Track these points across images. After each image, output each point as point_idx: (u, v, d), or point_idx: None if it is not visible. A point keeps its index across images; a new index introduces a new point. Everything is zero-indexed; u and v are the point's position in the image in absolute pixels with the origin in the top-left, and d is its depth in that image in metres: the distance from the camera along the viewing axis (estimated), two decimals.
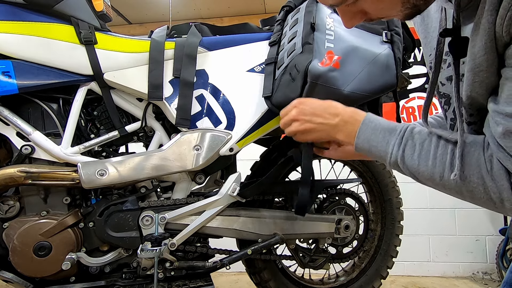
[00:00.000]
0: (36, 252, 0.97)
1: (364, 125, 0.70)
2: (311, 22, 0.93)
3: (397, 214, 1.33)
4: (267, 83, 0.99)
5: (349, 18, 0.58)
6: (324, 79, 0.86)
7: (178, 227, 1.07)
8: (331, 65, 0.87)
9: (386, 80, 0.90)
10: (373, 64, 0.90)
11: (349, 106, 0.86)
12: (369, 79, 0.89)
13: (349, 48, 0.91)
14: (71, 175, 0.99)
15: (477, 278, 2.36)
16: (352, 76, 0.87)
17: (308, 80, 0.87)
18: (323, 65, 0.87)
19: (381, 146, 0.67)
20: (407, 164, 0.63)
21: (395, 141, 0.65)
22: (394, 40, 0.98)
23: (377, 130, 0.68)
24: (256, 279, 1.26)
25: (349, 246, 1.28)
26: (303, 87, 0.88)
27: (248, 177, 1.26)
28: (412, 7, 0.54)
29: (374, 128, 0.69)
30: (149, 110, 1.10)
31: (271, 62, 1.01)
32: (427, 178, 0.61)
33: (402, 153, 0.63)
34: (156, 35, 1.10)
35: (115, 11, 3.43)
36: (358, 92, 0.88)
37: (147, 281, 1.07)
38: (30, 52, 0.97)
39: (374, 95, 0.90)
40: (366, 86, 0.88)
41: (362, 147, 0.70)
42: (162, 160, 1.02)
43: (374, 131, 0.68)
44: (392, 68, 0.91)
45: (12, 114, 0.99)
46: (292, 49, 0.93)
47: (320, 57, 0.88)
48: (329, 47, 0.91)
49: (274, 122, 1.07)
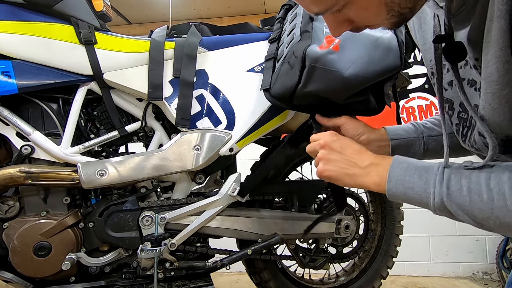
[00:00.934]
0: (36, 252, 0.97)
1: (394, 167, 0.62)
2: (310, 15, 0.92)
3: (397, 214, 1.33)
4: (266, 77, 0.97)
5: (335, 26, 0.56)
6: (322, 61, 0.81)
7: (178, 227, 1.06)
8: (330, 47, 0.83)
9: (389, 62, 0.84)
10: (375, 47, 0.84)
11: (351, 90, 0.84)
12: (371, 62, 0.83)
13: (349, 33, 0.88)
14: (71, 175, 0.99)
15: (477, 278, 2.36)
16: (352, 58, 0.82)
17: (306, 64, 0.83)
18: (321, 49, 0.83)
19: (418, 187, 0.58)
20: (457, 202, 0.54)
21: (436, 177, 0.57)
22: None
23: (411, 170, 0.60)
24: (256, 279, 1.26)
25: (349, 246, 1.28)
26: (302, 73, 0.84)
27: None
28: (398, 15, 0.52)
29: (407, 169, 0.61)
30: (149, 110, 1.10)
31: (271, 58, 1.00)
32: (487, 216, 0.52)
33: (447, 190, 0.55)
34: (156, 35, 1.10)
35: (115, 11, 3.43)
36: (359, 74, 0.82)
37: (147, 281, 1.07)
38: (30, 52, 0.97)
39: (376, 77, 0.84)
40: (367, 68, 0.82)
41: (395, 192, 0.61)
42: (162, 160, 1.02)
43: (407, 171, 0.60)
44: (395, 50, 0.85)
45: (12, 114, 0.99)
46: (291, 39, 0.91)
47: (319, 42, 0.85)
48: (328, 32, 0.86)
49: (274, 122, 1.07)
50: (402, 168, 0.61)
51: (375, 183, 0.64)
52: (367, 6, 0.52)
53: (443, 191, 0.55)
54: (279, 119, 1.06)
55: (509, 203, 0.49)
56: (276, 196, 1.24)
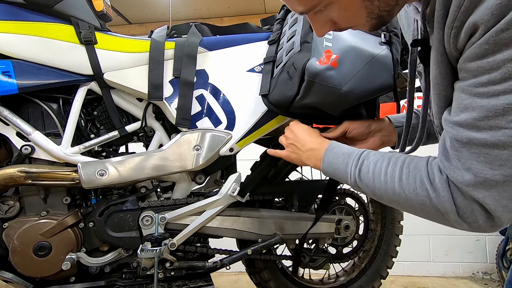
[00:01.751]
0: (36, 252, 0.97)
1: (328, 151, 0.77)
2: None
3: (397, 214, 1.33)
4: (265, 82, 0.99)
5: (319, 26, 0.60)
6: (321, 77, 0.85)
7: (178, 227, 1.06)
8: (329, 63, 0.86)
9: (383, 81, 0.90)
10: (371, 65, 0.89)
11: (346, 105, 0.92)
12: (367, 79, 0.88)
13: (347, 48, 0.90)
14: (71, 175, 0.99)
15: (477, 278, 2.36)
16: (349, 75, 0.87)
17: (305, 78, 0.86)
18: (320, 64, 0.86)
19: (341, 168, 0.73)
20: (364, 182, 0.67)
21: (353, 162, 0.70)
22: (393, 42, 0.98)
23: (338, 155, 0.75)
24: (256, 279, 1.26)
25: (349, 246, 1.28)
26: (300, 85, 0.88)
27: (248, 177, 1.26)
28: (377, 17, 0.57)
29: (336, 153, 0.75)
30: (149, 110, 1.10)
31: (270, 61, 1.01)
32: (382, 194, 0.64)
33: (358, 172, 0.68)
34: (156, 35, 1.10)
35: (115, 11, 3.43)
36: (355, 91, 0.87)
37: (147, 281, 1.07)
38: (30, 52, 0.97)
39: (371, 95, 0.90)
40: (363, 86, 0.88)
41: (327, 171, 0.77)
42: (162, 160, 1.02)
43: (336, 155, 0.75)
44: (389, 69, 0.91)
45: (12, 114, 0.99)
46: (291, 48, 0.92)
47: (318, 55, 0.88)
48: (328, 46, 0.90)
49: (274, 122, 1.07)
50: (332, 153, 0.77)
51: (314, 164, 0.81)
52: (348, 7, 0.56)
53: (356, 173, 0.69)
54: (280, 119, 1.06)
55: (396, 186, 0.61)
56: (276, 196, 1.24)
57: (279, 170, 1.23)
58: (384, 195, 0.64)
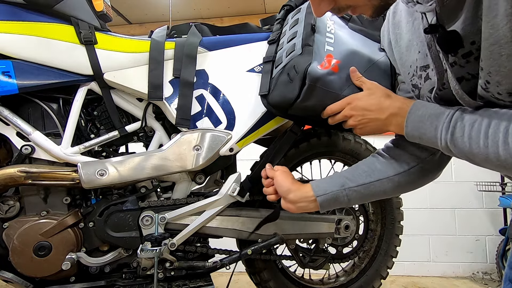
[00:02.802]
0: (36, 252, 0.97)
1: (411, 114, 0.70)
2: (312, 24, 0.93)
3: (397, 214, 1.33)
4: (264, 81, 0.99)
5: (317, 3, 0.58)
6: (322, 82, 0.87)
7: (178, 227, 1.07)
8: (330, 68, 0.87)
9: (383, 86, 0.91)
10: (370, 71, 0.91)
11: None
12: None
13: (348, 52, 0.91)
14: (71, 175, 0.99)
15: (477, 278, 2.36)
16: (349, 80, 0.88)
17: (306, 82, 0.87)
18: (322, 68, 0.87)
19: (429, 132, 0.65)
20: (459, 147, 0.60)
21: (443, 125, 0.63)
22: None
23: (424, 117, 0.67)
24: (256, 279, 1.26)
25: (349, 246, 1.28)
26: (301, 89, 0.89)
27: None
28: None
29: (421, 116, 0.68)
30: (149, 110, 1.10)
31: (269, 60, 1.01)
32: (483, 159, 0.57)
33: (451, 136, 0.61)
34: (156, 35, 1.10)
35: (115, 11, 3.43)
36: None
37: (147, 281, 1.07)
38: (30, 52, 0.97)
39: None
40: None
41: (413, 136, 0.70)
42: (162, 160, 1.02)
43: (422, 118, 0.67)
44: (388, 76, 0.93)
45: (12, 114, 0.99)
46: (292, 50, 0.93)
47: (320, 59, 0.89)
48: (329, 50, 0.91)
49: (274, 122, 1.07)
50: (417, 115, 0.68)
51: (397, 129, 0.74)
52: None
53: (447, 137, 0.62)
54: (280, 119, 1.06)
55: (501, 151, 0.54)
56: None
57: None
58: (486, 161, 0.57)
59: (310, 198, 0.87)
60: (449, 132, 0.61)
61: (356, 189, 0.85)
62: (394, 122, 0.74)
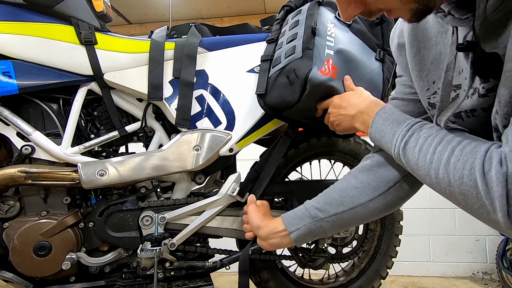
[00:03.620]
0: (36, 252, 0.97)
1: (378, 115, 0.71)
2: (312, 27, 0.93)
3: (397, 214, 1.33)
4: (261, 80, 0.99)
5: (345, 6, 0.53)
6: (323, 88, 0.88)
7: (178, 227, 1.07)
8: (330, 74, 0.89)
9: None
10: (363, 81, 0.93)
11: None
12: None
13: (346, 59, 0.94)
14: (71, 175, 0.99)
15: (477, 278, 2.36)
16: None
17: (307, 88, 0.89)
18: (322, 74, 0.88)
19: (388, 137, 0.66)
20: (408, 158, 0.61)
21: (400, 132, 0.63)
22: (385, 61, 1.00)
23: (387, 121, 0.68)
24: (256, 279, 1.26)
25: (349, 246, 1.28)
26: (302, 93, 0.90)
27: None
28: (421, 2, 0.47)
29: (386, 119, 0.69)
30: (149, 110, 1.10)
31: (267, 59, 1.01)
32: (424, 175, 0.57)
33: (404, 145, 0.62)
34: (156, 35, 1.10)
35: (115, 11, 3.43)
36: None
37: (147, 281, 1.07)
38: (30, 52, 0.97)
39: None
40: None
41: (374, 137, 0.72)
42: (162, 160, 1.02)
43: (385, 121, 0.68)
44: (379, 88, 0.95)
45: (12, 114, 1.00)
46: (291, 52, 0.93)
47: (320, 64, 0.89)
48: (329, 54, 0.92)
49: (274, 123, 1.07)
50: (382, 118, 0.70)
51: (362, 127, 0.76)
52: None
53: (401, 145, 0.62)
54: (279, 120, 1.06)
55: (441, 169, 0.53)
56: (276, 196, 1.24)
57: (279, 170, 1.23)
58: (426, 177, 0.57)
59: (281, 233, 0.83)
60: (404, 141, 0.62)
61: (329, 219, 0.80)
62: (360, 120, 0.76)
